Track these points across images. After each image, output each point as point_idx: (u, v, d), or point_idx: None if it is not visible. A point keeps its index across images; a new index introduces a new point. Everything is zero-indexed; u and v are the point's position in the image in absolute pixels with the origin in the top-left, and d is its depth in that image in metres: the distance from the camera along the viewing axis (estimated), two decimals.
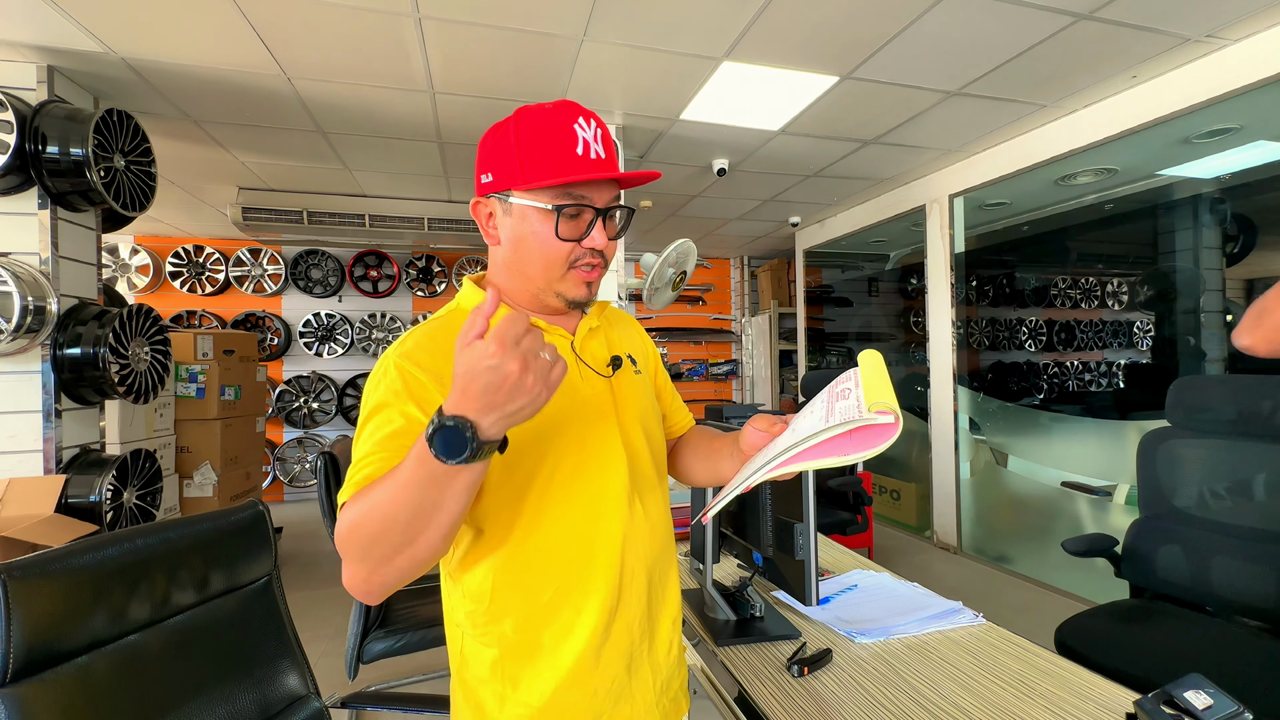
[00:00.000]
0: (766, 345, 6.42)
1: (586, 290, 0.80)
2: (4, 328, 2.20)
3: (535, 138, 0.74)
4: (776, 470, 0.66)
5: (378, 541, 0.62)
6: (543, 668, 0.76)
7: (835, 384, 0.72)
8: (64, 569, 0.85)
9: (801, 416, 0.71)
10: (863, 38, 2.36)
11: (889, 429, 0.59)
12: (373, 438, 0.70)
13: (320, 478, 1.90)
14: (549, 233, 0.75)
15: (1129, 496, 3.36)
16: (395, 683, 2.43)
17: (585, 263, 0.79)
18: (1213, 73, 2.51)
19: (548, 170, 0.73)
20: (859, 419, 0.59)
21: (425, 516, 0.61)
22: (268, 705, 1.06)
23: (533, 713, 0.76)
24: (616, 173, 0.76)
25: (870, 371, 0.66)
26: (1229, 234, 3.70)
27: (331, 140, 3.33)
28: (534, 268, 0.78)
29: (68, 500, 2.31)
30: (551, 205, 0.75)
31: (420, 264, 5.86)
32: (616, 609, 0.79)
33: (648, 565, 0.84)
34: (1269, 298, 0.99)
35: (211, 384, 3.69)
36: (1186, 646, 1.61)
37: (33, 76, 2.41)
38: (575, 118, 0.75)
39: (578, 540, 0.78)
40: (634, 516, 0.82)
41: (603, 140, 0.78)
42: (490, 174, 0.78)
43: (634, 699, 0.82)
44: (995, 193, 3.80)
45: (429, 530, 0.62)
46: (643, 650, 0.83)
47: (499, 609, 0.76)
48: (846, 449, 0.62)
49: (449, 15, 2.18)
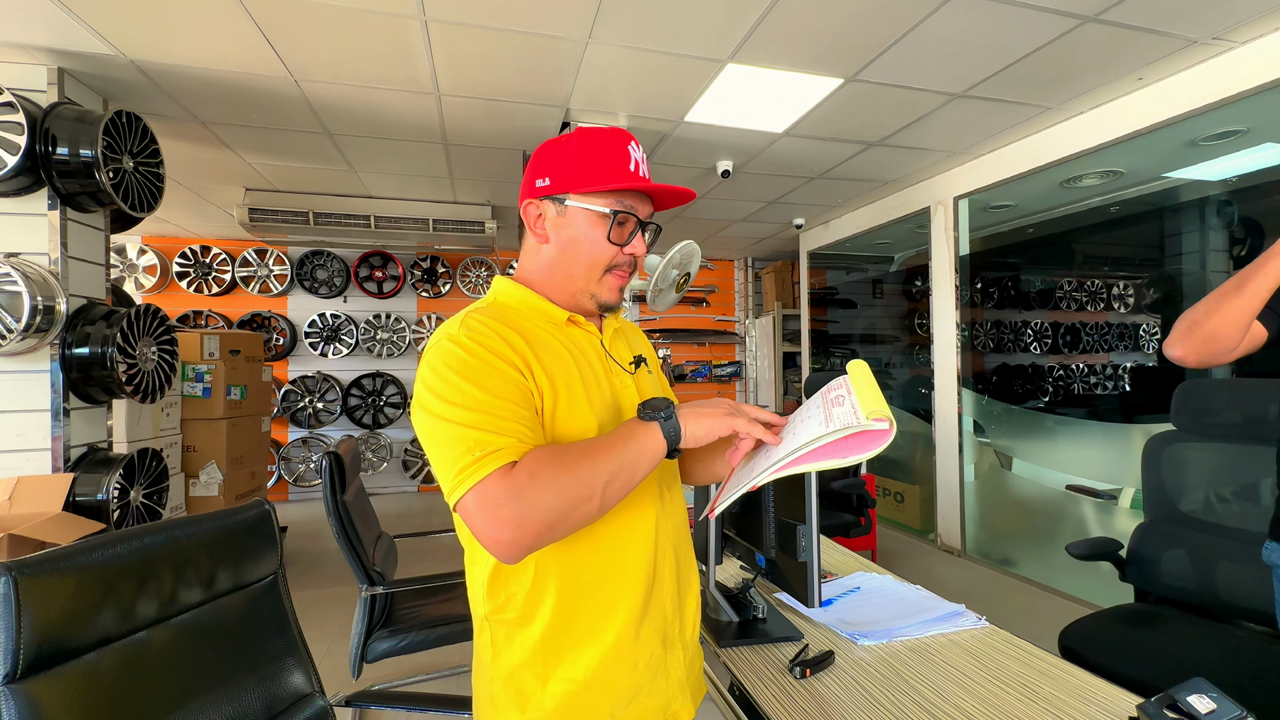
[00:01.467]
0: (770, 347, 6.42)
1: (618, 296, 0.90)
2: (14, 327, 2.22)
3: (595, 150, 0.84)
4: (782, 471, 0.71)
5: (581, 483, 0.69)
6: (585, 644, 0.80)
7: (827, 390, 0.78)
8: (73, 566, 0.86)
9: (798, 421, 0.76)
10: (867, 40, 2.36)
11: (883, 435, 0.67)
12: (486, 402, 0.73)
13: (325, 477, 1.91)
14: (600, 235, 0.85)
15: (1134, 500, 3.34)
16: (399, 682, 2.44)
17: (622, 269, 0.88)
18: (1220, 75, 2.50)
19: (607, 178, 0.83)
20: (857, 425, 0.66)
21: (622, 472, 0.72)
22: (273, 703, 1.07)
23: (577, 688, 0.79)
24: (663, 187, 0.86)
25: (861, 381, 0.73)
26: (1236, 237, 3.68)
27: (337, 142, 3.35)
28: (579, 266, 0.87)
29: (75, 499, 2.33)
30: (609, 210, 0.84)
31: (425, 265, 5.88)
32: (653, 586, 0.85)
33: (675, 544, 0.89)
34: (1198, 310, 1.10)
35: (218, 384, 3.71)
36: (1190, 651, 1.60)
37: (43, 79, 2.43)
38: (629, 141, 0.86)
39: (615, 519, 0.82)
40: (662, 500, 0.88)
41: (646, 164, 0.89)
42: (548, 178, 0.86)
43: (669, 674, 0.87)
44: (1000, 195, 3.79)
45: (617, 484, 0.72)
46: (675, 627, 0.88)
47: (540, 589, 0.80)
48: (845, 452, 0.68)
49: (455, 18, 2.19)
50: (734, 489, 0.78)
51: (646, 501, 0.86)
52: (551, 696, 0.79)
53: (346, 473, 2.04)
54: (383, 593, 1.95)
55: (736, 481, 0.80)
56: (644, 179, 0.86)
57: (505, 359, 0.76)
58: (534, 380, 0.78)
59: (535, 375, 0.78)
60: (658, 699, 0.85)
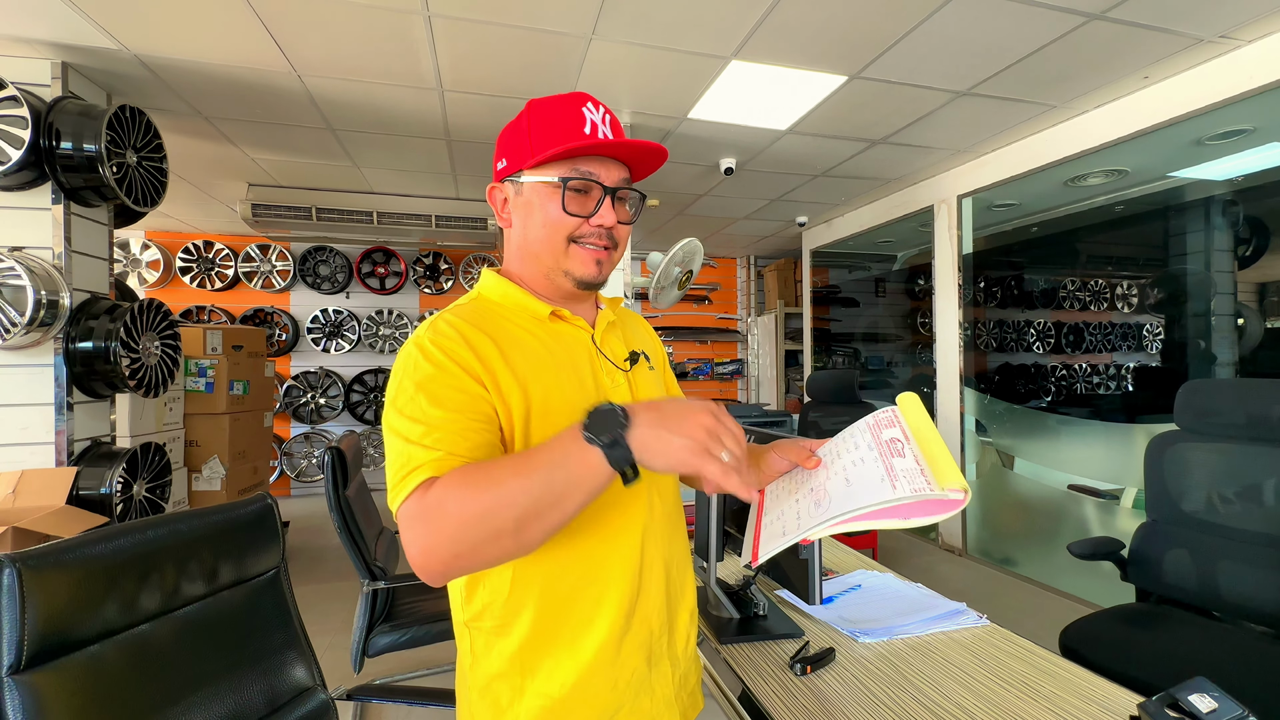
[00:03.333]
0: (772, 345, 6.41)
1: (596, 269, 0.80)
2: (18, 321, 2.23)
3: (544, 120, 0.78)
4: (841, 527, 0.65)
5: (486, 519, 0.61)
6: (563, 658, 0.76)
7: (877, 427, 0.70)
8: (77, 559, 0.86)
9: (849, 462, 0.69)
10: (872, 37, 2.35)
11: (957, 504, 0.60)
12: (430, 415, 0.68)
13: (328, 473, 1.91)
14: (556, 207, 0.77)
15: (1136, 500, 3.34)
16: (399, 677, 2.45)
17: (592, 241, 0.79)
18: (1226, 74, 2.49)
19: (554, 144, 0.76)
20: (930, 493, 0.60)
21: (546, 506, 0.61)
22: (275, 696, 1.07)
23: (553, 703, 0.76)
24: (625, 143, 0.77)
25: (920, 424, 0.67)
26: (1241, 237, 3.66)
27: (341, 137, 3.35)
28: (540, 244, 0.80)
29: (79, 492, 2.34)
30: (558, 178, 0.77)
31: (427, 261, 5.88)
32: (636, 600, 0.80)
33: (665, 558, 0.84)
34: None
35: (220, 379, 3.72)
36: (1193, 651, 1.60)
37: (47, 73, 2.44)
38: (584, 103, 0.78)
39: (598, 531, 0.78)
40: (652, 510, 0.83)
41: (611, 125, 0.80)
42: (505, 160, 0.82)
43: (653, 692, 0.82)
44: (1004, 193, 3.78)
45: (539, 522, 0.61)
46: (663, 643, 0.84)
47: (518, 600, 0.76)
48: (911, 514, 0.62)
49: (459, 13, 2.19)
50: (779, 537, 0.70)
51: (633, 510, 0.80)
52: (527, 711, 0.75)
53: (349, 468, 2.04)
54: (384, 588, 1.95)
55: (779, 522, 0.72)
56: (599, 139, 0.76)
57: (465, 367, 0.71)
58: (498, 390, 0.73)
59: (501, 383, 0.73)
60: (640, 718, 0.80)
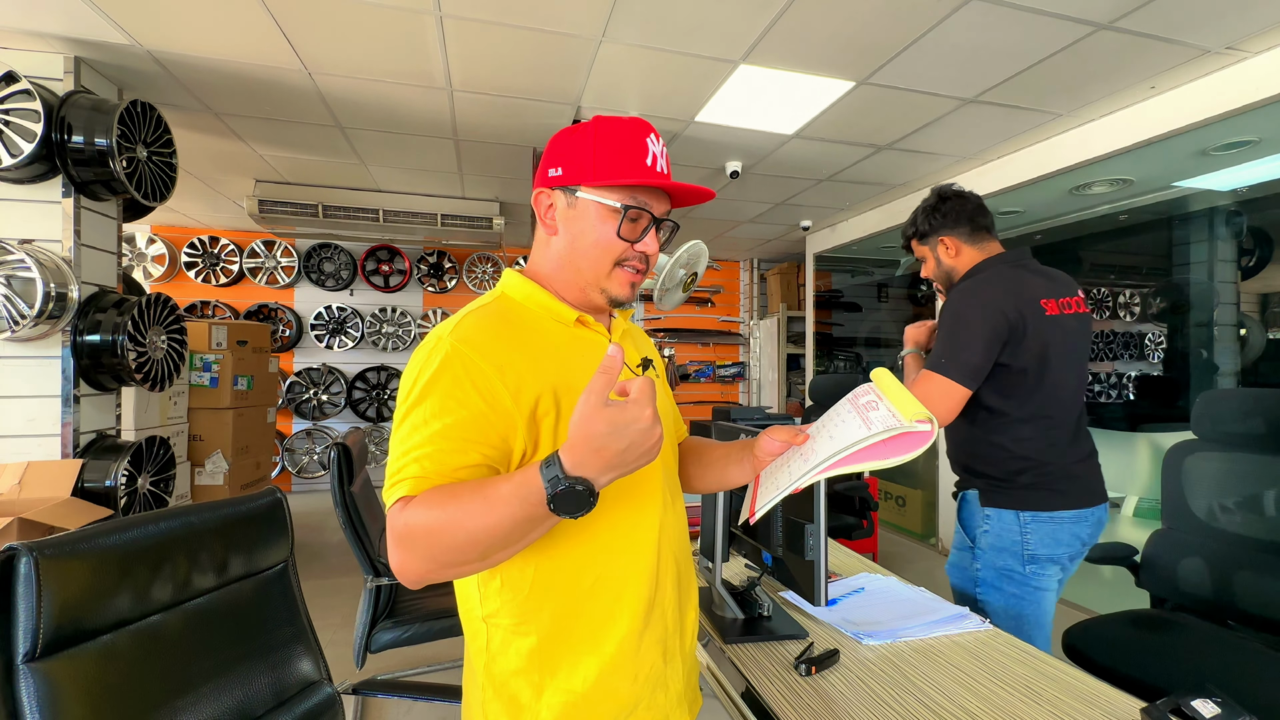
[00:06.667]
0: (774, 348, 6.42)
1: (630, 291, 0.85)
2: (27, 313, 2.24)
3: (611, 142, 0.80)
4: (825, 473, 0.72)
5: (452, 551, 0.65)
6: (584, 654, 0.77)
7: (855, 397, 0.76)
8: (92, 549, 0.87)
9: (833, 425, 0.75)
10: (880, 43, 2.36)
11: (926, 435, 0.68)
12: (429, 425, 0.70)
13: (334, 469, 1.92)
14: (610, 230, 0.81)
15: (1137, 508, 3.34)
16: (401, 673, 2.45)
17: (632, 264, 0.84)
18: (1232, 85, 2.50)
19: (620, 172, 0.79)
20: (900, 426, 0.67)
21: (510, 545, 0.66)
22: (282, 689, 1.08)
23: (576, 699, 0.76)
24: (681, 185, 0.82)
25: (889, 386, 0.73)
26: (1244, 247, 3.67)
27: (349, 135, 3.36)
28: (587, 260, 0.83)
29: (84, 484, 2.34)
30: (620, 205, 0.80)
31: (431, 259, 5.89)
32: (655, 595, 0.82)
33: (677, 556, 0.87)
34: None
35: (225, 374, 3.73)
36: (1202, 658, 1.60)
37: (60, 67, 2.45)
38: (648, 133, 0.82)
39: (620, 528, 0.80)
40: (665, 506, 0.85)
41: (665, 158, 0.84)
42: (560, 168, 0.82)
43: (668, 687, 0.84)
44: (1009, 201, 3.79)
45: (505, 552, 0.67)
46: (675, 639, 0.86)
47: (539, 597, 0.77)
48: (887, 453, 0.69)
49: (470, 14, 2.20)
50: (773, 491, 0.76)
51: (652, 506, 0.83)
52: (548, 707, 0.76)
53: (354, 464, 2.05)
54: (388, 584, 1.96)
55: (774, 484, 0.78)
56: (661, 174, 0.81)
57: (478, 382, 0.72)
58: (518, 397, 0.73)
59: (525, 388, 0.73)
60: (656, 713, 0.82)
